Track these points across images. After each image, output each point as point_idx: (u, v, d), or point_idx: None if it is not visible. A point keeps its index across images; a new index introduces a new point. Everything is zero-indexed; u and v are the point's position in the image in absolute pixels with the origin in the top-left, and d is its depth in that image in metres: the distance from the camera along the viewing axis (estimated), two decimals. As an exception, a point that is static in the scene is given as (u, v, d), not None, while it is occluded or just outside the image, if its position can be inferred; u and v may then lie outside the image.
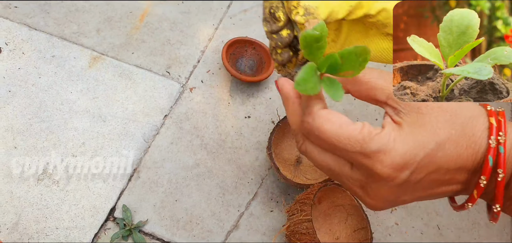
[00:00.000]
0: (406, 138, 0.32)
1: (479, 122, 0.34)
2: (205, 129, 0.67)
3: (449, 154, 0.32)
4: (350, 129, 0.31)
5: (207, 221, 0.59)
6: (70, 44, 0.72)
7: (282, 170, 0.60)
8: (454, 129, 0.33)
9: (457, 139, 0.33)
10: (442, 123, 0.33)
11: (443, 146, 0.32)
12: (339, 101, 0.32)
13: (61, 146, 0.63)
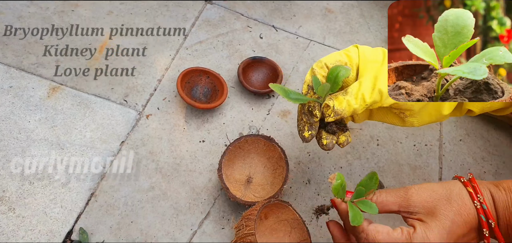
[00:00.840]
0: (433, 229, 0.46)
1: (463, 193, 0.48)
2: (160, 153, 0.70)
3: (459, 223, 0.46)
4: (395, 235, 0.47)
5: (161, 240, 0.62)
6: (29, 75, 0.75)
7: (231, 189, 0.64)
8: (454, 206, 0.47)
9: (460, 211, 0.47)
10: (447, 205, 0.47)
11: (454, 221, 0.46)
12: (375, 213, 0.49)
13: (18, 174, 0.64)
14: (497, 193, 0.48)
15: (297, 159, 0.74)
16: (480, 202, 0.47)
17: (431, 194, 0.49)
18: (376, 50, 0.57)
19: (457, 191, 0.48)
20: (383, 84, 0.54)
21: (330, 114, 0.53)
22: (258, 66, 0.82)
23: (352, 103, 0.53)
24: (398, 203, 0.50)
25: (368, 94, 0.54)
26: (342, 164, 0.75)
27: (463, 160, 0.79)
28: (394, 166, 0.76)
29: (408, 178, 0.75)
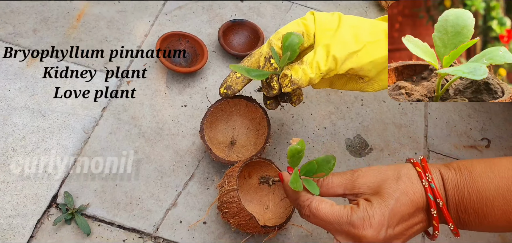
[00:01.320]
0: (375, 207, 0.49)
1: (412, 173, 0.51)
2: (142, 118, 0.76)
3: (405, 202, 0.49)
4: (338, 207, 0.50)
5: (146, 201, 0.68)
6: (6, 44, 0.80)
7: (214, 150, 0.70)
8: (401, 185, 0.50)
9: (406, 190, 0.50)
10: (393, 185, 0.50)
11: (399, 199, 0.49)
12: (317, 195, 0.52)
13: (0, 140, 0.70)
14: (447, 172, 0.51)
15: (281, 121, 0.80)
16: (429, 181, 0.50)
17: (377, 175, 0.51)
18: (332, 15, 0.62)
19: (406, 171, 0.51)
20: (337, 51, 0.58)
21: (287, 84, 0.59)
22: (239, 29, 0.88)
23: (307, 72, 0.58)
24: (344, 185, 0.52)
25: (322, 62, 0.59)
26: (326, 124, 0.81)
27: (449, 117, 0.86)
28: (379, 125, 0.83)
29: (393, 136, 0.81)
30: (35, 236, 0.63)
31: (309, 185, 0.52)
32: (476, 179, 0.49)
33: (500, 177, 0.49)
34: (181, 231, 0.66)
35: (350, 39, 0.59)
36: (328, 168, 0.53)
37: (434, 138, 0.83)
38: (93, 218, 0.66)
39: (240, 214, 0.61)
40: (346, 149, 0.79)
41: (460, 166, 0.51)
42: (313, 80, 0.59)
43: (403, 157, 0.79)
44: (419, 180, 0.50)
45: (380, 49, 0.59)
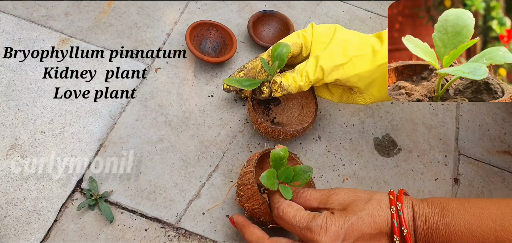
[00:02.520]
0: (336, 218, 0.49)
1: (384, 199, 0.51)
2: (169, 106, 0.72)
3: (368, 223, 0.49)
4: (302, 212, 0.51)
5: (170, 191, 0.64)
6: (39, 27, 0.77)
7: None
8: (369, 206, 0.50)
9: (372, 212, 0.50)
10: (361, 205, 0.50)
11: (362, 217, 0.49)
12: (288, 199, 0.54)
13: (29, 123, 0.67)
14: (418, 205, 0.51)
15: (308, 116, 0.74)
16: (397, 208, 0.49)
17: (350, 196, 0.52)
18: (329, 28, 0.65)
19: (378, 196, 0.51)
20: (324, 62, 0.61)
21: (277, 90, 0.62)
22: (269, 20, 0.82)
23: (297, 80, 0.61)
24: (319, 200, 0.53)
25: (311, 72, 0.61)
26: (355, 122, 0.75)
27: (482, 120, 0.79)
28: (408, 125, 0.76)
29: (423, 137, 0.75)
30: (59, 220, 0.60)
31: (284, 189, 0.54)
32: (447, 214, 0.48)
33: (471, 214, 0.47)
34: (203, 223, 0.62)
35: (338, 52, 0.61)
36: (304, 177, 0.54)
37: (465, 141, 0.76)
38: (116, 205, 0.63)
39: (253, 198, 0.57)
40: (374, 148, 0.73)
41: (434, 201, 0.50)
42: (302, 87, 0.62)
43: (432, 159, 0.73)
44: (389, 206, 0.50)
45: (366, 63, 0.60)
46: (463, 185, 0.70)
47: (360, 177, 0.69)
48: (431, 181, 0.70)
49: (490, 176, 0.72)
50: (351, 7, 0.90)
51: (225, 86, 0.69)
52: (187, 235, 0.61)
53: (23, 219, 0.59)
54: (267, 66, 0.62)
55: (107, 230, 0.60)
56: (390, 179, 0.70)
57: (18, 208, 0.60)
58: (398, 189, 0.54)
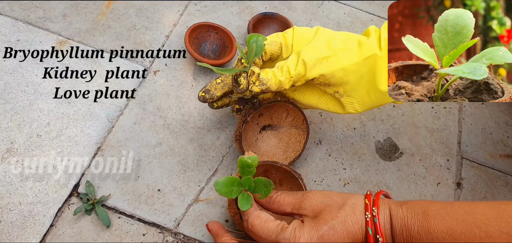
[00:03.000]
0: (305, 229, 0.47)
1: (358, 204, 0.48)
2: (168, 109, 0.71)
3: (340, 232, 0.46)
4: (271, 224, 0.49)
5: (168, 195, 0.64)
6: (36, 28, 0.76)
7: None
8: (341, 213, 0.47)
9: (345, 220, 0.46)
10: (333, 212, 0.47)
11: (333, 227, 0.46)
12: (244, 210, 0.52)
13: (25, 126, 0.66)
14: (397, 209, 0.47)
15: (309, 119, 0.74)
16: (373, 215, 0.46)
17: (324, 200, 0.49)
18: (311, 30, 0.60)
19: (353, 201, 0.48)
20: (307, 55, 0.56)
21: (254, 82, 0.56)
22: (270, 22, 0.81)
23: (277, 74, 0.56)
24: (292, 205, 0.51)
25: (292, 66, 0.56)
26: (356, 125, 0.74)
27: (485, 124, 0.78)
28: (410, 128, 0.76)
29: (425, 141, 0.74)
30: (55, 224, 0.60)
31: (242, 198, 0.52)
32: (429, 219, 0.45)
33: (454, 219, 0.44)
34: (202, 228, 0.61)
35: (322, 45, 0.57)
36: (264, 191, 0.52)
37: (468, 144, 0.75)
38: (114, 209, 0.62)
39: (230, 206, 0.57)
40: (376, 151, 0.72)
41: (414, 205, 0.47)
42: (282, 84, 0.56)
43: (435, 163, 0.72)
44: (364, 212, 0.47)
45: (352, 56, 0.56)
46: (465, 189, 0.70)
47: (361, 181, 0.68)
48: (433, 185, 0.69)
49: (493, 180, 0.71)
50: (353, 9, 0.90)
51: (200, 94, 0.62)
52: (185, 240, 0.60)
53: (18, 224, 0.59)
54: (243, 54, 0.56)
55: (104, 235, 0.59)
56: (391, 183, 0.69)
57: (13, 213, 0.59)
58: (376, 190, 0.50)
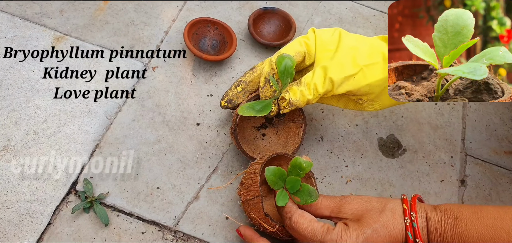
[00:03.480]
0: (351, 232, 0.49)
1: (397, 208, 0.51)
2: (167, 106, 0.71)
3: (383, 235, 0.49)
4: (316, 225, 0.50)
5: (167, 193, 0.63)
6: (33, 24, 0.76)
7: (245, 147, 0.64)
8: (383, 217, 0.50)
9: (386, 224, 0.49)
10: (375, 216, 0.50)
11: (377, 230, 0.49)
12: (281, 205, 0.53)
13: (22, 123, 0.66)
14: (432, 214, 0.50)
15: (310, 116, 0.73)
16: (411, 220, 0.49)
17: (363, 205, 0.51)
18: (333, 34, 0.61)
19: (392, 205, 0.51)
20: (334, 74, 0.57)
21: (286, 107, 0.58)
22: (270, 17, 0.81)
23: (305, 93, 0.57)
24: (331, 208, 0.52)
25: (320, 84, 0.58)
26: (358, 122, 0.74)
27: (489, 120, 0.77)
28: (413, 125, 0.75)
29: (429, 137, 0.73)
30: (53, 223, 0.59)
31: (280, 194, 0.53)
32: (460, 224, 0.48)
33: (484, 225, 0.47)
34: (202, 226, 0.61)
35: (347, 62, 0.58)
36: (306, 198, 0.53)
37: (472, 141, 0.74)
38: (112, 207, 0.61)
39: (251, 188, 0.56)
40: (379, 148, 0.72)
41: (447, 209, 0.50)
42: (310, 101, 0.59)
43: (438, 160, 0.71)
44: (403, 216, 0.50)
45: (377, 72, 0.58)
46: (470, 186, 0.69)
47: (364, 179, 0.68)
48: (437, 182, 0.69)
49: (498, 177, 0.71)
50: (354, 4, 0.89)
51: (223, 103, 0.64)
52: (185, 239, 0.60)
53: (16, 222, 0.58)
54: (276, 85, 0.58)
55: (102, 234, 0.59)
56: (394, 180, 0.68)
57: (10, 211, 0.59)
58: (410, 195, 0.53)
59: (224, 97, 0.64)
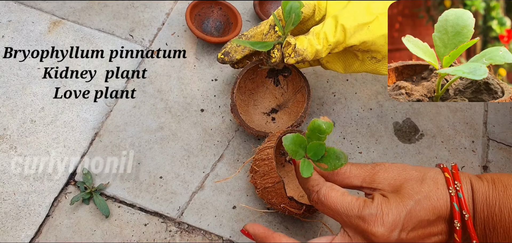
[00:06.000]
0: (391, 205, 0.43)
1: (439, 177, 0.45)
2: (169, 92, 0.70)
3: (426, 207, 0.43)
4: (349, 198, 0.44)
5: (171, 183, 0.62)
6: (28, 8, 0.75)
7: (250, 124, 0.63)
8: (424, 188, 0.44)
9: (429, 194, 0.44)
10: (416, 186, 0.44)
11: (419, 202, 0.43)
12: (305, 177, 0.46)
13: (18, 111, 0.65)
14: (478, 184, 0.45)
15: (321, 100, 0.72)
16: (456, 189, 0.44)
17: (400, 173, 0.46)
18: None
19: (432, 174, 0.46)
20: (346, 21, 0.54)
21: (290, 54, 0.54)
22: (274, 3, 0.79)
23: (314, 43, 0.53)
24: (362, 177, 0.47)
25: (331, 33, 0.54)
26: (372, 105, 0.72)
27: (513, 102, 0.75)
28: (431, 108, 0.73)
29: (447, 121, 0.71)
30: (52, 215, 0.58)
31: (304, 164, 0.46)
32: (511, 195, 0.43)
33: None
34: (207, 217, 0.60)
35: (361, 10, 0.55)
36: (334, 163, 0.46)
37: (495, 124, 0.72)
38: (113, 198, 0.60)
39: (269, 175, 0.54)
40: (394, 133, 0.70)
41: (494, 178, 0.45)
42: (319, 53, 0.54)
43: (458, 145, 0.69)
44: (446, 186, 0.45)
45: None
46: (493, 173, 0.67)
47: (379, 165, 0.66)
48: (457, 168, 0.67)
49: (523, 162, 0.68)
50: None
51: (220, 55, 0.62)
52: (190, 230, 0.59)
53: (13, 215, 0.57)
54: (279, 24, 0.54)
55: (103, 226, 0.58)
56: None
57: (7, 203, 0.58)
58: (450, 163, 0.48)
59: (222, 50, 0.62)
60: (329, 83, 0.73)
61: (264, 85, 0.68)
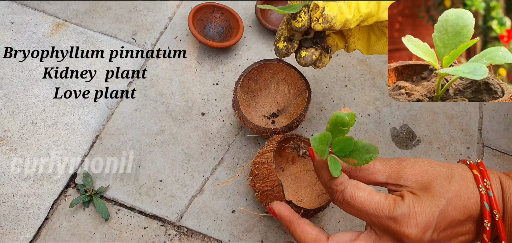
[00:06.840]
0: (423, 203, 0.38)
1: (468, 175, 0.41)
2: (170, 95, 0.66)
3: (457, 206, 0.39)
4: (378, 197, 0.39)
5: (170, 186, 0.58)
6: (31, 10, 0.71)
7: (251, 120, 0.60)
8: (454, 185, 0.40)
9: (459, 193, 0.39)
10: (445, 184, 0.40)
11: (451, 201, 0.39)
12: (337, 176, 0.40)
13: (20, 113, 0.61)
14: (508, 182, 0.41)
15: (320, 105, 0.68)
16: (486, 188, 0.39)
17: (428, 169, 0.41)
18: None
19: (461, 171, 0.41)
20: None
21: (318, 18, 0.46)
22: (279, 3, 0.75)
23: (344, 11, 0.47)
24: (387, 173, 0.42)
25: (364, 3, 0.47)
26: (370, 111, 0.68)
27: (508, 109, 0.72)
28: (428, 114, 0.69)
29: (444, 128, 0.68)
30: (51, 218, 0.55)
31: (332, 162, 0.40)
32: None
33: None
34: (206, 221, 0.56)
35: None
36: (364, 158, 0.40)
37: (490, 131, 0.69)
38: (113, 201, 0.57)
39: (268, 178, 0.51)
40: (392, 139, 0.66)
41: None
42: (349, 23, 0.48)
43: (454, 151, 0.66)
44: (476, 184, 0.40)
45: None
46: (489, 179, 0.64)
47: (377, 171, 0.62)
48: (454, 175, 0.63)
49: (518, 169, 0.65)
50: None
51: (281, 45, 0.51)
52: (189, 234, 0.55)
53: (12, 217, 0.54)
54: None
55: (102, 229, 0.54)
56: (409, 173, 0.63)
57: (6, 205, 0.54)
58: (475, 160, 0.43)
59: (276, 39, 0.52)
60: (328, 88, 0.70)
61: (266, 89, 0.64)
